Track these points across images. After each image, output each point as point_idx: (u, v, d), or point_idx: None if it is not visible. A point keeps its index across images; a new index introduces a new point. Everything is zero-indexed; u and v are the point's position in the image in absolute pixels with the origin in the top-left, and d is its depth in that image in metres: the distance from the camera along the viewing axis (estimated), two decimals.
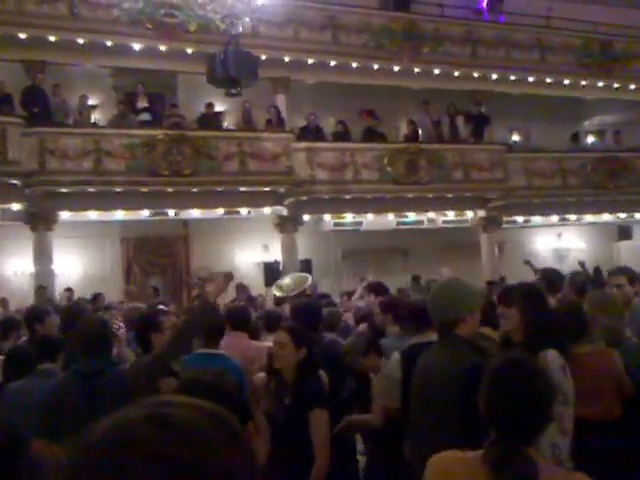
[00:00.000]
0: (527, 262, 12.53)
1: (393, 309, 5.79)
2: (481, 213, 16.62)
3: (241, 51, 11.00)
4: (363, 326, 6.60)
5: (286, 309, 7.42)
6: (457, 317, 3.45)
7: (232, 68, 10.63)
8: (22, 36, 13.03)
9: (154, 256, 15.79)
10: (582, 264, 14.49)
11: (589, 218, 18.34)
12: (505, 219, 16.92)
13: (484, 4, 18.97)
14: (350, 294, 13.64)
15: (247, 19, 11.19)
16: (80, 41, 13.47)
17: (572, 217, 18.15)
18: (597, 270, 15.51)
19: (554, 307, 4.82)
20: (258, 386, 4.59)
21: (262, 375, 4.54)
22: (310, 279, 8.56)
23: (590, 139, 19.71)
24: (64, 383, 3.98)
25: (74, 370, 4.01)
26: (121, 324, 6.04)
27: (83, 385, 3.82)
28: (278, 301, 8.79)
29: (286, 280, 8.62)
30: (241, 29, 11.01)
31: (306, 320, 4.98)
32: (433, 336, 4.10)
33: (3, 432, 2.43)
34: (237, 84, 11.47)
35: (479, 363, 3.06)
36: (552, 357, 3.46)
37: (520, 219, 17.63)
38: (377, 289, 9.25)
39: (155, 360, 3.77)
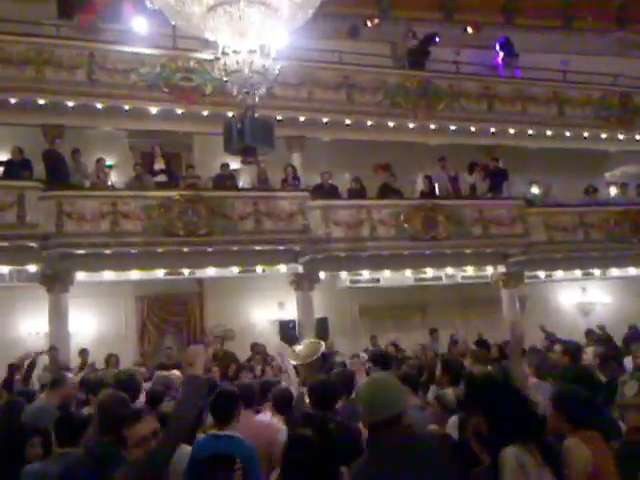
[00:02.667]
0: (543, 329, 12.86)
1: (407, 382, 5.88)
2: (501, 269, 16.64)
3: (257, 120, 11.37)
4: None
5: None
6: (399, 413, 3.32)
7: (248, 138, 10.96)
8: (41, 102, 13.64)
9: (168, 314, 16.05)
10: (602, 328, 14.58)
11: (614, 272, 18.25)
12: (527, 274, 16.91)
13: (499, 60, 19.35)
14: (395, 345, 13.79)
15: (263, 89, 11.55)
16: (98, 106, 14.04)
17: (596, 272, 18.09)
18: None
19: None
20: None
21: None
22: (324, 346, 8.67)
23: (613, 191, 19.77)
24: (74, 467, 4.04)
25: (86, 451, 4.12)
26: None
27: (92, 468, 3.88)
28: None
29: (300, 347, 8.71)
30: (258, 99, 11.39)
31: (322, 400, 5.20)
32: None
33: None
34: (253, 153, 11.86)
35: None
36: (506, 455, 3.30)
37: (542, 274, 17.60)
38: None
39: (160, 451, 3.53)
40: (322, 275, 15.12)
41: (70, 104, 13.86)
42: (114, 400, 4.43)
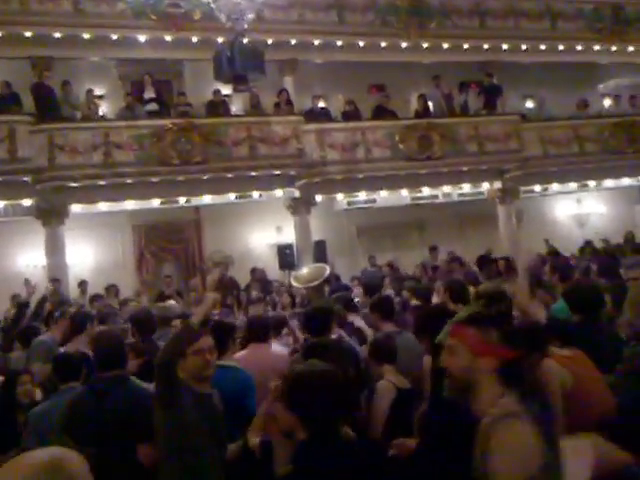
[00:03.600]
0: (546, 241, 12.48)
1: (380, 307, 5.73)
2: (497, 184, 16.07)
3: (247, 47, 10.69)
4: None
5: None
6: None
7: (238, 65, 10.37)
8: (27, 34, 12.83)
9: (166, 242, 15.45)
10: (606, 241, 14.20)
11: (608, 183, 17.62)
12: (522, 189, 16.35)
13: None
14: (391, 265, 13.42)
15: (251, 15, 10.80)
16: (85, 36, 13.25)
17: (591, 183, 17.48)
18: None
19: None
20: None
21: None
22: (328, 270, 8.24)
23: (606, 103, 18.99)
24: (77, 400, 4.01)
25: (87, 387, 4.10)
26: None
27: (94, 402, 3.88)
28: None
29: (304, 271, 8.34)
30: (246, 26, 10.66)
31: (316, 327, 4.98)
32: None
33: None
34: (244, 80, 11.21)
35: None
36: None
37: (538, 188, 17.00)
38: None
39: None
40: (318, 198, 14.57)
41: (57, 35, 13.04)
42: (109, 337, 4.31)
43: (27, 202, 12.31)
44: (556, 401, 3.69)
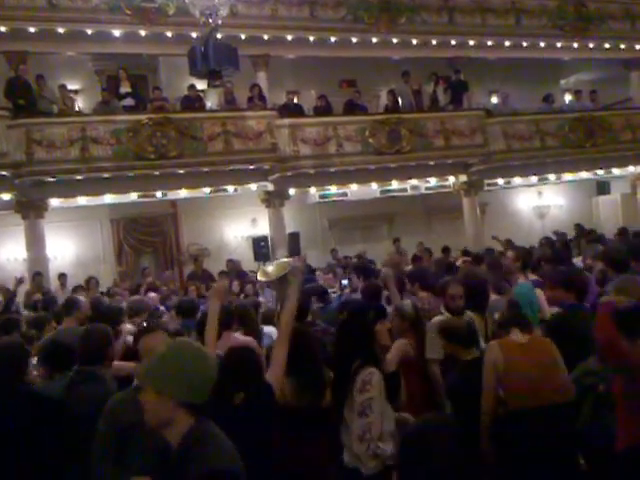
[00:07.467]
0: (494, 237, 12.70)
1: None
2: (462, 178, 16.38)
3: (221, 43, 10.76)
4: None
5: None
6: None
7: (212, 61, 10.44)
8: (2, 28, 12.70)
9: (144, 235, 15.57)
10: (558, 233, 14.54)
11: (568, 176, 18.02)
12: (486, 182, 16.68)
13: None
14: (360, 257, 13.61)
15: (225, 11, 10.84)
16: (60, 30, 13.10)
17: (551, 177, 17.86)
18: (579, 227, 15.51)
19: None
20: None
21: None
22: (290, 266, 8.44)
23: (567, 98, 19.36)
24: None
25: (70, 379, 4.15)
26: None
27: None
28: None
29: (269, 267, 8.51)
30: (220, 21, 10.69)
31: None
32: None
33: None
34: (219, 76, 11.27)
35: None
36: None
37: (501, 181, 17.33)
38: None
39: None
40: (292, 191, 14.78)
41: (32, 30, 12.89)
42: (97, 332, 4.31)
43: (6, 196, 12.33)
44: (487, 376, 4.06)
